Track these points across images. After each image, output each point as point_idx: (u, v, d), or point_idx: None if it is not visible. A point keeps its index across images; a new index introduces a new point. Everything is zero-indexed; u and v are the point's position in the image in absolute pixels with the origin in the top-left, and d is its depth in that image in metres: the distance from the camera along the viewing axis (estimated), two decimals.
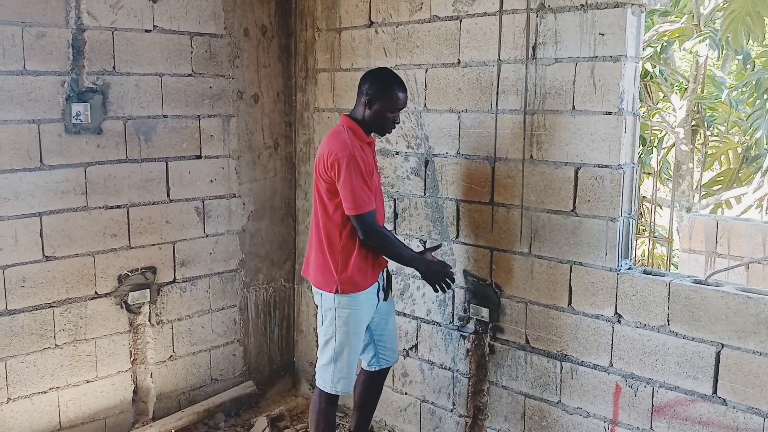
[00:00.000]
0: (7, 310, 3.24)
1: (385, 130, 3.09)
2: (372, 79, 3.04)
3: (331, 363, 3.09)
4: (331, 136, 3.03)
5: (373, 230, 2.96)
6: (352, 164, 2.89)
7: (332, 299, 3.04)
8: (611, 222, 2.88)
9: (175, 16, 3.68)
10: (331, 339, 3.07)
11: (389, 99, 2.99)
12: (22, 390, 3.32)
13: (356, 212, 2.92)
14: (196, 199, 3.87)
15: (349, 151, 2.90)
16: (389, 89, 3.00)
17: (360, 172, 2.91)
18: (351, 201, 2.91)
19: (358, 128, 3.04)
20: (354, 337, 3.09)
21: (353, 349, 3.10)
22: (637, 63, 2.90)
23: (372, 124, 3.05)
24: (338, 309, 3.05)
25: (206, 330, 4.00)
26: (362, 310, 3.09)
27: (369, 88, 3.01)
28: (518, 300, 3.21)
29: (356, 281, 3.03)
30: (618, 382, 2.90)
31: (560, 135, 2.99)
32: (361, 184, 2.91)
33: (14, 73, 3.17)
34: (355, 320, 3.07)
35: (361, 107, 3.04)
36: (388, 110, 3.01)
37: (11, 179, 3.20)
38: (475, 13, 3.24)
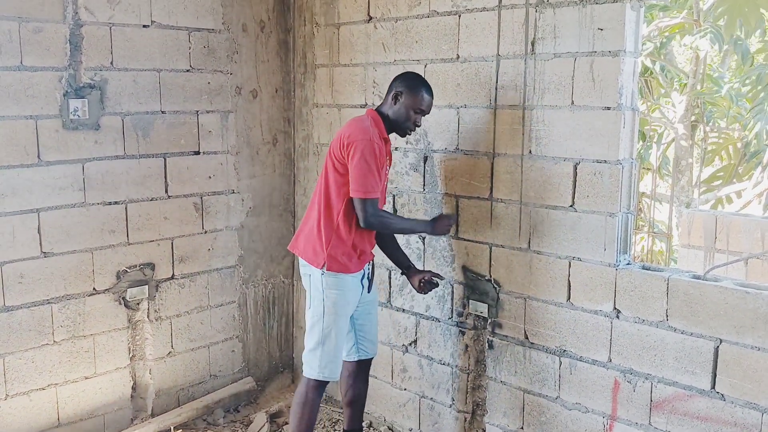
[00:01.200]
0: (5, 307, 3.23)
1: (405, 128, 3.11)
2: (403, 78, 3.12)
3: (318, 347, 3.08)
4: (354, 121, 3.10)
5: (373, 216, 2.98)
6: (368, 149, 2.93)
7: (320, 280, 3.05)
8: (610, 217, 2.87)
9: (173, 11, 3.67)
10: (318, 321, 3.08)
11: (415, 97, 3.04)
12: (20, 387, 3.31)
13: (362, 195, 2.94)
14: (195, 195, 3.87)
15: (369, 136, 2.95)
16: (417, 88, 3.06)
17: (375, 159, 2.94)
18: (359, 183, 2.94)
19: (380, 122, 3.08)
20: (342, 319, 3.10)
21: (340, 332, 3.10)
22: (636, 58, 2.89)
23: (395, 120, 3.08)
24: (326, 290, 3.05)
25: (205, 326, 4.00)
26: (349, 294, 3.11)
27: (399, 83, 3.09)
28: (517, 295, 3.20)
29: (342, 262, 3.05)
30: (617, 378, 2.90)
31: (559, 130, 2.99)
32: (372, 169, 2.93)
33: (11, 68, 3.15)
34: (342, 302, 3.08)
35: (390, 101, 3.09)
36: (412, 108, 3.05)
37: (8, 175, 3.19)
38: (474, 8, 3.23)
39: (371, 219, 2.99)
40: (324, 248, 3.04)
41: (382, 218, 3.08)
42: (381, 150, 2.98)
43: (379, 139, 3.00)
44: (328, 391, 4.21)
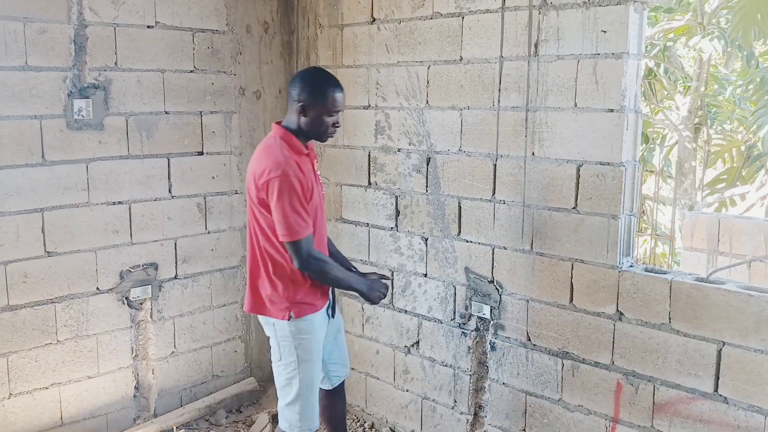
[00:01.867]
0: (9, 306, 3.24)
1: (324, 136, 2.82)
2: (303, 83, 2.76)
3: (297, 400, 2.82)
4: (263, 152, 2.75)
5: (310, 258, 2.69)
6: (285, 185, 2.62)
7: (287, 326, 2.77)
8: (613, 219, 2.87)
9: (177, 12, 3.68)
10: (294, 373, 2.80)
11: (325, 102, 2.73)
12: (23, 385, 3.32)
13: (291, 239, 2.65)
14: (198, 196, 3.88)
15: (281, 171, 2.62)
16: (323, 91, 2.74)
17: (295, 193, 2.63)
18: (285, 227, 2.64)
19: (293, 139, 2.76)
20: (318, 363, 2.87)
21: (318, 378, 2.90)
22: (639, 60, 2.89)
23: (310, 132, 2.78)
24: (297, 337, 2.78)
25: (208, 326, 4.00)
26: (320, 332, 2.87)
27: (300, 93, 2.73)
28: (520, 297, 3.20)
29: (310, 302, 2.80)
30: (619, 380, 2.90)
31: (562, 132, 2.99)
32: (296, 207, 2.64)
33: (16, 68, 3.17)
34: (316, 346, 2.84)
35: (295, 115, 2.75)
36: (326, 114, 2.74)
37: (13, 175, 3.20)
38: (477, 9, 3.24)
39: (309, 261, 2.69)
40: (283, 298, 2.77)
41: (321, 260, 2.76)
42: (301, 177, 2.66)
43: (296, 165, 2.68)
44: None
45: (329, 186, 4.07)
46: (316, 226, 2.82)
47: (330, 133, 2.82)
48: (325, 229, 3.01)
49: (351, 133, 3.91)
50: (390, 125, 3.69)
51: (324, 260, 2.79)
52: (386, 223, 3.77)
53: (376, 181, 3.80)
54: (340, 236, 4.03)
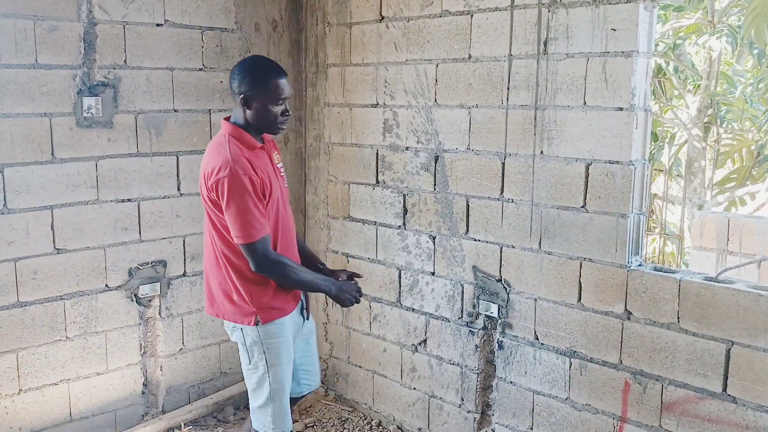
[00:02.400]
0: (19, 302, 3.26)
1: (275, 127, 2.67)
2: (242, 73, 2.62)
3: (269, 403, 2.72)
4: (212, 150, 2.61)
5: (266, 260, 2.56)
6: (236, 184, 2.48)
7: (256, 332, 2.65)
8: (622, 218, 2.86)
9: (186, 10, 3.69)
10: (264, 377, 2.70)
11: (267, 90, 2.59)
12: (33, 382, 3.34)
13: (245, 241, 2.52)
14: None
15: (230, 169, 2.48)
16: (264, 79, 2.60)
17: (247, 192, 2.50)
18: (238, 228, 2.51)
19: (243, 134, 2.62)
20: (287, 367, 2.75)
21: (289, 381, 2.78)
22: (649, 59, 2.88)
23: (258, 124, 2.64)
24: (265, 341, 2.66)
25: (216, 323, 4.01)
26: (290, 336, 2.76)
27: (240, 84, 2.60)
28: (528, 296, 3.20)
29: (277, 307, 2.67)
30: (627, 379, 2.89)
31: (571, 131, 2.98)
32: (248, 206, 2.50)
33: (26, 66, 3.18)
34: (286, 349, 2.73)
35: (240, 109, 2.63)
36: (271, 103, 2.60)
37: (23, 172, 3.22)
38: (486, 8, 3.23)
39: (266, 263, 2.56)
40: (249, 302, 2.63)
41: (280, 262, 2.61)
42: (252, 175, 2.53)
43: (247, 161, 2.54)
44: (338, 390, 4.22)
45: (337, 184, 4.08)
46: (279, 223, 2.69)
47: (280, 124, 2.67)
48: (292, 225, 2.85)
49: (359, 132, 3.91)
50: (398, 123, 3.69)
51: (283, 262, 2.63)
52: (394, 222, 3.77)
53: (384, 179, 3.80)
54: (347, 234, 4.04)
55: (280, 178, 2.77)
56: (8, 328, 3.23)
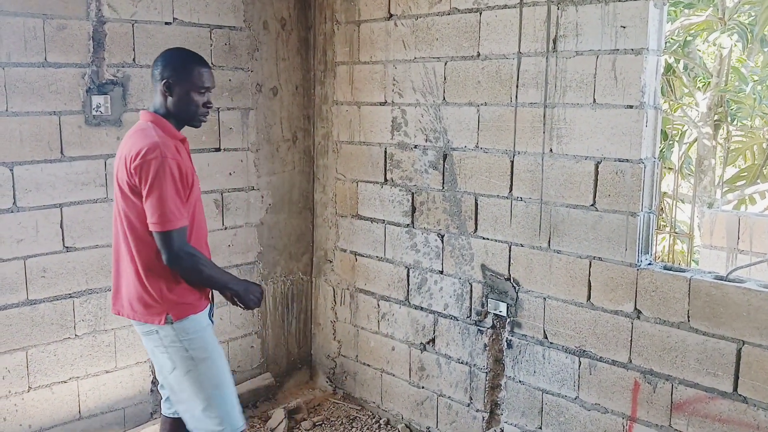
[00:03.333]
0: (28, 300, 3.27)
1: (196, 117, 2.60)
2: (164, 61, 2.57)
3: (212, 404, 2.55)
4: (136, 135, 2.49)
5: (182, 252, 2.43)
6: (163, 168, 2.39)
7: (171, 333, 2.51)
8: (632, 217, 2.85)
9: (194, 8, 3.69)
10: (196, 376, 2.53)
11: (190, 77, 2.53)
12: (42, 379, 3.35)
13: (162, 228, 2.40)
14: (215, 192, 3.89)
15: (159, 152, 2.40)
16: (187, 65, 2.55)
17: (173, 179, 2.42)
18: (157, 214, 2.39)
19: (166, 123, 2.54)
20: (221, 359, 2.61)
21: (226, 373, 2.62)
22: (659, 56, 2.86)
23: (180, 113, 2.56)
24: (184, 339, 2.52)
25: (224, 322, 4.02)
26: (210, 329, 2.64)
27: (163, 70, 2.53)
28: (537, 295, 3.18)
29: (189, 302, 2.55)
30: (637, 379, 2.88)
31: (581, 129, 2.96)
32: (172, 194, 2.40)
33: (36, 65, 3.19)
34: (210, 340, 2.59)
35: (161, 97, 2.55)
36: (193, 90, 2.54)
37: (32, 170, 3.23)
38: (495, 5, 3.22)
39: (180, 255, 2.43)
40: (158, 298, 2.50)
41: (194, 255, 2.48)
42: (180, 164, 2.46)
43: (174, 150, 2.47)
44: (346, 388, 4.22)
45: (345, 182, 4.07)
46: (195, 221, 2.60)
47: (202, 115, 2.61)
48: (205, 226, 2.74)
49: (367, 130, 3.91)
50: (406, 121, 3.68)
51: (197, 255, 2.51)
52: (402, 220, 3.76)
53: (393, 177, 3.79)
54: (356, 233, 4.04)
55: (196, 179, 2.66)
56: (18, 326, 3.25)
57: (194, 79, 2.54)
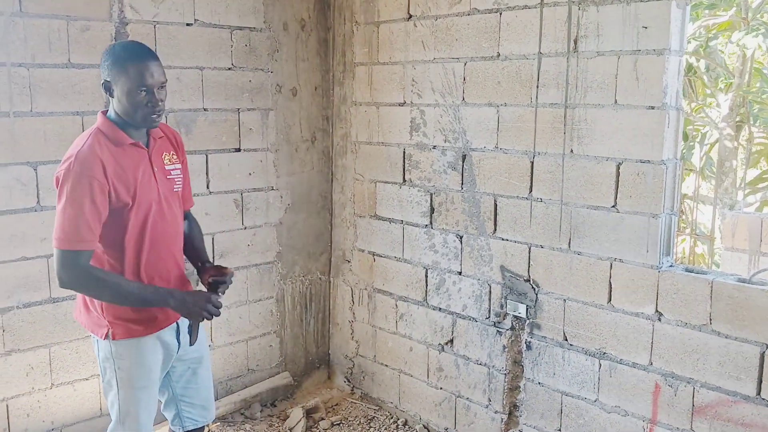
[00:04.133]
0: (51, 298, 3.31)
1: (144, 116, 2.33)
2: (104, 59, 2.35)
3: (118, 426, 2.47)
4: (75, 141, 2.39)
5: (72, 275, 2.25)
6: (73, 182, 2.21)
7: (108, 347, 2.39)
8: (653, 218, 2.83)
9: (215, 9, 3.71)
10: (114, 398, 2.44)
11: (125, 75, 2.28)
12: (65, 376, 3.39)
13: (58, 245, 2.23)
14: (235, 192, 3.91)
15: (69, 165, 2.24)
16: (124, 64, 2.29)
17: (84, 195, 2.22)
18: (57, 229, 2.24)
19: (112, 128, 2.35)
20: (141, 392, 2.44)
21: (144, 408, 2.47)
22: (681, 57, 2.84)
23: (124, 114, 2.34)
24: (117, 359, 2.39)
25: (243, 320, 4.04)
26: (150, 358, 2.45)
27: (103, 70, 2.34)
28: (556, 296, 3.17)
29: (135, 323, 2.38)
30: (657, 381, 2.86)
31: (602, 129, 2.95)
32: (78, 212, 2.21)
33: (59, 66, 3.23)
34: (142, 371, 2.43)
35: (108, 97, 2.40)
36: (133, 89, 2.29)
37: (55, 170, 3.25)
38: (515, 5, 3.21)
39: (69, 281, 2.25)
40: (101, 313, 2.37)
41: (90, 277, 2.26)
42: (97, 180, 2.23)
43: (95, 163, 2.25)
44: (364, 388, 4.23)
45: (364, 183, 4.08)
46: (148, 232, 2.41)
47: (148, 115, 2.33)
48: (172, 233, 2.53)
49: (386, 130, 3.91)
50: (425, 122, 3.68)
51: (101, 278, 2.29)
52: (421, 221, 3.76)
53: (411, 178, 3.79)
54: (374, 233, 4.04)
55: (166, 180, 2.48)
56: (41, 323, 3.28)
57: (131, 77, 2.28)
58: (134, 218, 2.38)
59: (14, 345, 3.22)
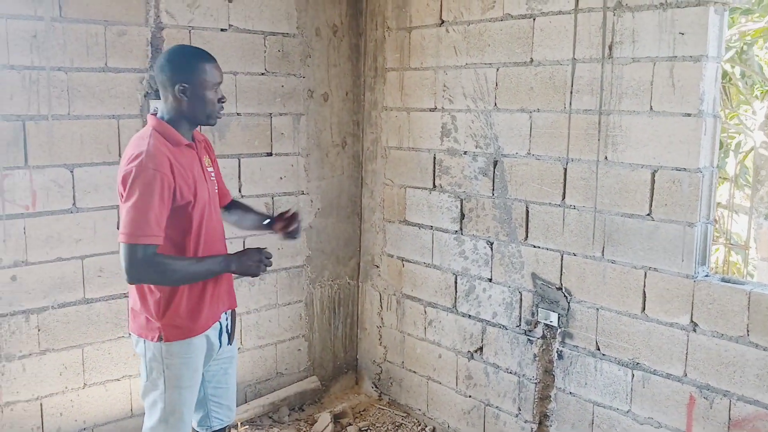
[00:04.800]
0: (85, 299, 3.35)
1: (213, 115, 2.49)
2: (171, 64, 2.44)
3: (160, 426, 2.50)
4: (132, 142, 2.43)
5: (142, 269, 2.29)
6: (144, 178, 2.27)
7: (158, 347, 2.45)
8: (689, 227, 2.78)
9: (249, 15, 3.74)
10: (159, 397, 2.49)
11: (200, 74, 2.42)
12: (97, 376, 3.43)
13: (128, 239, 2.26)
14: (266, 196, 3.93)
15: (141, 162, 2.29)
16: (197, 66, 2.43)
17: (153, 191, 2.28)
18: (127, 224, 2.27)
19: (168, 129, 2.43)
20: (187, 391, 2.51)
21: (188, 407, 2.54)
22: (718, 63, 2.80)
23: (197, 114, 2.46)
24: (166, 359, 2.45)
25: (273, 324, 4.06)
26: (198, 358, 2.52)
27: (173, 74, 2.41)
28: (589, 305, 3.13)
29: (186, 325, 2.45)
30: (692, 393, 2.81)
31: (637, 136, 2.91)
32: (149, 205, 2.26)
33: (96, 69, 3.28)
34: (189, 373, 2.49)
35: (171, 100, 2.44)
36: (207, 88, 2.43)
37: (91, 172, 3.31)
38: (549, 11, 3.19)
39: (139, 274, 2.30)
40: (155, 316, 2.43)
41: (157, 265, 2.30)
42: (165, 176, 2.30)
43: (164, 159, 2.33)
44: (391, 394, 4.22)
45: (393, 188, 4.07)
46: (203, 229, 2.49)
47: (218, 112, 2.50)
48: (219, 232, 2.64)
49: (416, 135, 3.91)
50: (456, 127, 3.67)
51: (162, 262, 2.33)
52: (450, 227, 3.75)
53: (441, 183, 3.78)
54: (403, 238, 4.03)
55: (209, 181, 2.57)
56: (75, 323, 3.33)
57: (206, 77, 2.43)
58: (195, 217, 2.45)
59: (49, 344, 3.27)
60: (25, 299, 3.18)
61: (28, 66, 3.08)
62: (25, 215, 3.15)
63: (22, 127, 3.10)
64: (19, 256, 3.15)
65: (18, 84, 3.07)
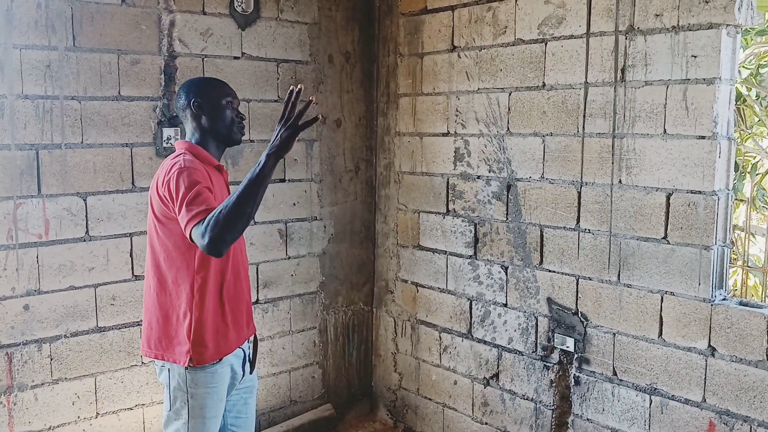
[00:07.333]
0: (98, 328, 3.35)
1: (233, 128, 2.53)
2: (186, 90, 2.55)
3: None
4: (167, 162, 2.45)
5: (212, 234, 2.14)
6: (189, 175, 2.30)
7: (183, 376, 2.42)
8: (705, 250, 2.74)
9: (262, 43, 3.78)
10: (183, 427, 2.45)
11: (211, 90, 2.53)
12: (110, 405, 3.41)
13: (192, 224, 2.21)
14: (279, 222, 3.93)
15: (180, 168, 2.32)
16: (207, 85, 2.59)
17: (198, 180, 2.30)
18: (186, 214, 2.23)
19: (200, 150, 2.49)
20: (211, 422, 2.47)
21: None
22: (732, 85, 2.78)
23: (217, 128, 2.51)
24: (191, 388, 2.42)
25: (287, 351, 4.03)
26: (222, 388, 2.50)
27: (187, 96, 2.52)
28: (606, 330, 3.09)
29: (214, 347, 2.43)
30: (712, 419, 2.75)
31: (651, 159, 2.89)
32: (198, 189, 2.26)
33: (110, 98, 3.31)
34: (212, 402, 2.46)
35: (193, 123, 2.52)
36: (220, 100, 2.51)
37: (104, 200, 3.33)
38: (561, 35, 3.19)
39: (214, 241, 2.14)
40: (187, 335, 2.40)
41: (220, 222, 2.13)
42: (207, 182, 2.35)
43: (204, 171, 2.39)
44: (407, 422, 4.16)
45: (407, 213, 4.06)
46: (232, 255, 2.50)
47: (238, 127, 2.54)
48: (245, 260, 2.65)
49: (429, 160, 3.90)
50: (469, 152, 3.66)
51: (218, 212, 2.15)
52: (465, 251, 3.72)
53: (455, 208, 3.76)
54: (417, 263, 4.01)
55: None
56: (87, 352, 3.32)
57: (217, 92, 2.53)
58: None
59: (61, 374, 3.26)
60: (37, 328, 3.18)
61: (41, 95, 3.12)
62: (38, 244, 3.16)
63: (35, 156, 3.13)
64: (32, 285, 3.16)
65: (32, 113, 3.10)
